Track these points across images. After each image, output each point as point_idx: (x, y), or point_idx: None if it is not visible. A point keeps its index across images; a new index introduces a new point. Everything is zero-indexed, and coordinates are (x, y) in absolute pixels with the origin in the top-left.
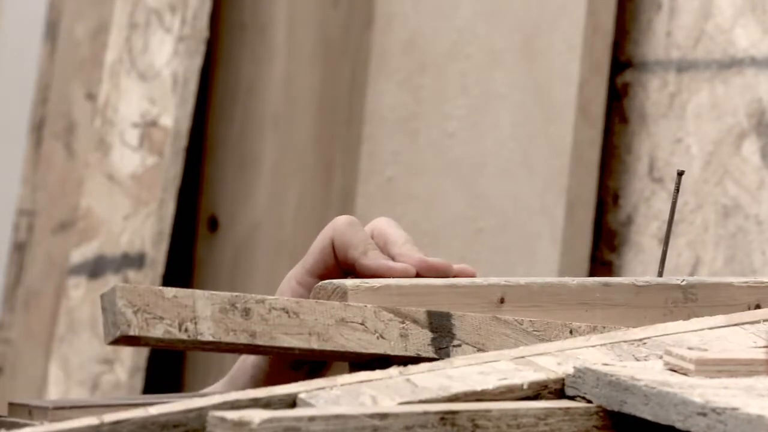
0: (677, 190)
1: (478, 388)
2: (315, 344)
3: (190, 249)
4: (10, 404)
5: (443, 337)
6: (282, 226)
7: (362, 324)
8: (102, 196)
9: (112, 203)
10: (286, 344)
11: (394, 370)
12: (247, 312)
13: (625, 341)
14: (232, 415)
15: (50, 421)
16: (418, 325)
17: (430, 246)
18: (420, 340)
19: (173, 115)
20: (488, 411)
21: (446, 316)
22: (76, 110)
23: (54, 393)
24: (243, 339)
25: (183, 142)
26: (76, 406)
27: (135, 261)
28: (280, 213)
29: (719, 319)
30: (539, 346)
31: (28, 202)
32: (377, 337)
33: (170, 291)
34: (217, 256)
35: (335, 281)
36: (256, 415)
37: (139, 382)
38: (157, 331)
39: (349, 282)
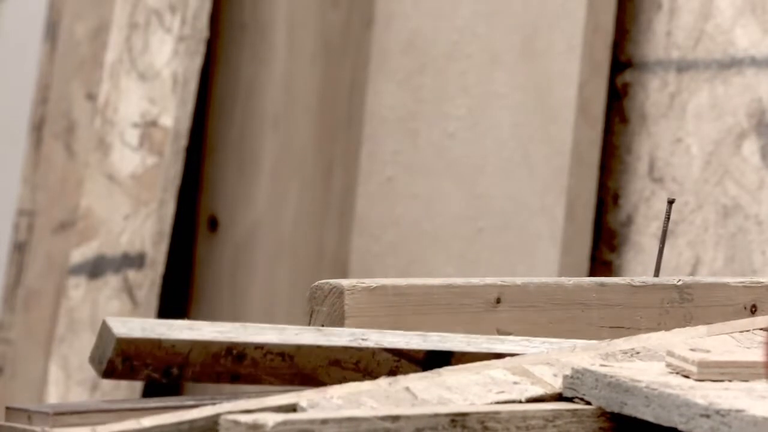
0: (668, 218)
1: (478, 403)
2: (297, 383)
3: (190, 249)
4: (8, 408)
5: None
6: (282, 226)
7: (355, 365)
8: (102, 196)
9: (112, 203)
10: (267, 383)
11: (383, 381)
12: (240, 358)
13: (620, 351)
14: (245, 418)
15: (51, 426)
16: (412, 363)
17: (430, 246)
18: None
19: (173, 115)
20: (497, 413)
21: (446, 355)
22: (76, 110)
23: (54, 393)
24: (225, 380)
25: (183, 142)
26: (76, 411)
27: (135, 261)
28: (280, 213)
29: (701, 329)
30: (533, 355)
31: (28, 202)
32: (363, 376)
33: (169, 342)
34: (217, 256)
35: (332, 281)
36: (270, 418)
37: (138, 382)
38: (140, 376)
39: (345, 282)
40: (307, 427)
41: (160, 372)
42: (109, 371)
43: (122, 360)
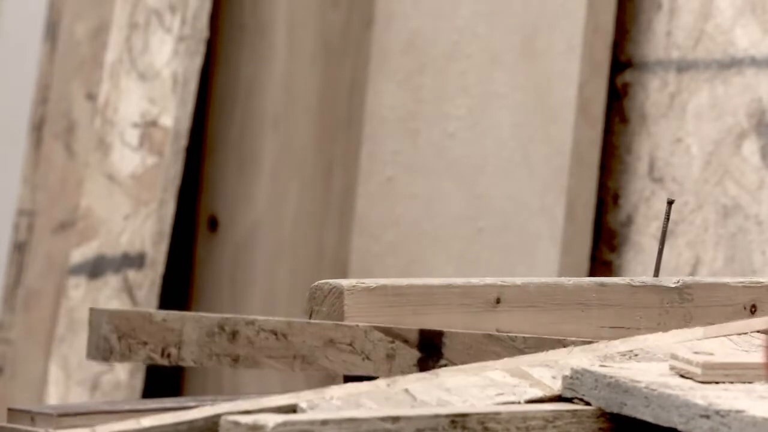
0: (667, 219)
1: (477, 405)
2: (298, 368)
3: (190, 249)
4: (10, 410)
5: (430, 357)
6: (282, 226)
7: (350, 345)
8: (102, 196)
9: (112, 203)
10: (268, 367)
11: (381, 382)
12: (234, 335)
13: (617, 353)
14: (245, 419)
15: (55, 428)
16: (407, 344)
17: (430, 246)
18: (406, 360)
19: (173, 115)
20: (497, 414)
21: (437, 335)
22: (76, 110)
23: (54, 393)
24: (226, 363)
25: (183, 142)
26: (80, 413)
27: (135, 261)
28: (280, 213)
29: (697, 331)
30: (531, 357)
31: (28, 202)
32: (363, 359)
33: (159, 314)
34: (217, 256)
35: (332, 281)
36: (271, 419)
37: (139, 382)
38: (139, 357)
39: (345, 282)
40: (307, 428)
41: (159, 352)
42: (108, 352)
43: (118, 337)
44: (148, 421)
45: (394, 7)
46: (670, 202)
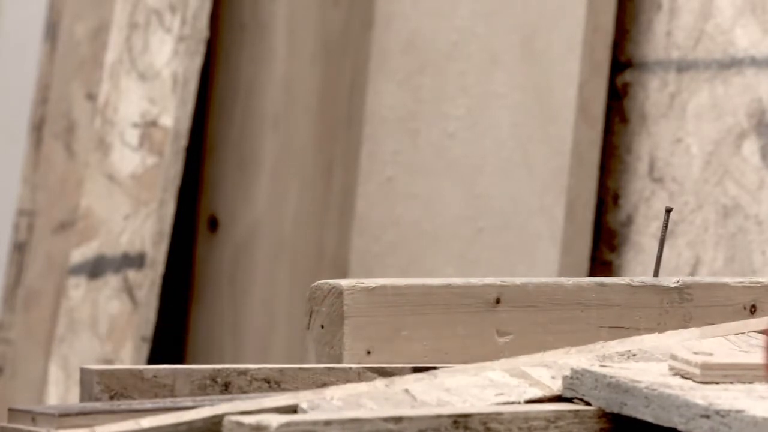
0: (665, 226)
1: (477, 404)
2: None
3: (190, 249)
4: (11, 410)
5: None
6: (282, 226)
7: None
8: (102, 196)
9: (112, 203)
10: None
11: (380, 382)
12: (227, 386)
13: (616, 353)
14: (248, 419)
15: (56, 428)
16: None
17: (430, 246)
18: None
19: (173, 115)
20: (500, 414)
21: (431, 370)
22: (76, 110)
23: (54, 393)
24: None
25: (183, 142)
26: (82, 413)
27: (135, 261)
28: (280, 213)
29: (695, 331)
30: (530, 357)
31: (28, 202)
32: None
33: (150, 371)
34: (217, 256)
35: (331, 281)
36: (274, 420)
37: None
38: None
39: (345, 282)
40: (310, 428)
41: None
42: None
43: (109, 397)
44: (147, 422)
45: (394, 7)
46: (669, 210)
